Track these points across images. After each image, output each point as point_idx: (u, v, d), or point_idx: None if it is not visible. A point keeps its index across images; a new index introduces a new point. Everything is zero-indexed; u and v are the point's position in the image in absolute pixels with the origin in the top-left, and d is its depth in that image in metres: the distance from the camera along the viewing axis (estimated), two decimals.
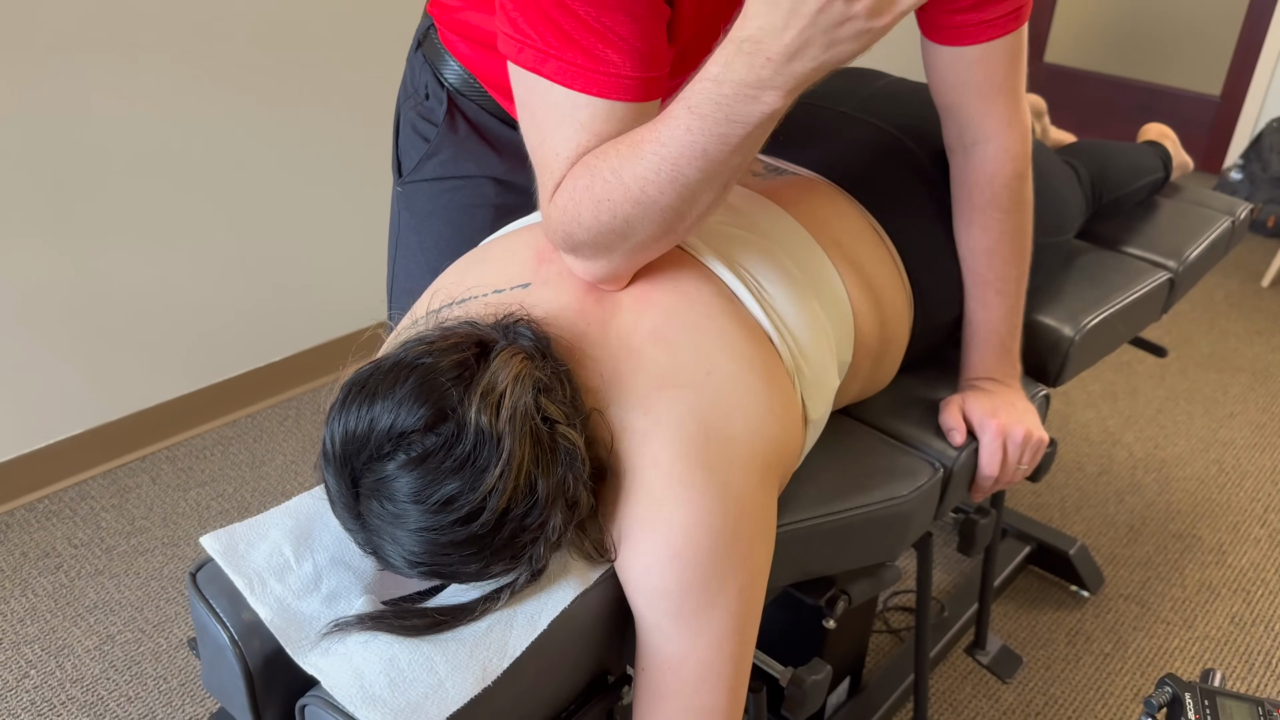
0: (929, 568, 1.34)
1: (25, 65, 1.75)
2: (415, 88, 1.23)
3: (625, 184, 0.79)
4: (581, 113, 0.81)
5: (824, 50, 0.69)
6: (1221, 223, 1.64)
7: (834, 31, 0.67)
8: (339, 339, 2.45)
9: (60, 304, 1.94)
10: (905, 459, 1.09)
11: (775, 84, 0.71)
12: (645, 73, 0.81)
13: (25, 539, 1.92)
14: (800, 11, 0.67)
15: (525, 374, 0.75)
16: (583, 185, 0.81)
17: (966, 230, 1.13)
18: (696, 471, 0.81)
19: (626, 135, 0.80)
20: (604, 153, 0.81)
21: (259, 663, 0.78)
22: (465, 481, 0.71)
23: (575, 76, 0.80)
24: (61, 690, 1.62)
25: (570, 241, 0.85)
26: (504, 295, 0.89)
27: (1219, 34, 3.80)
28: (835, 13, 0.66)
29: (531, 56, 0.81)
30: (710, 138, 0.75)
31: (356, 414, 0.73)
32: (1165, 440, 2.33)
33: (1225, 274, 3.16)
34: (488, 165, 1.20)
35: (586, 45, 0.79)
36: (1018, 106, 1.06)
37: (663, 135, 0.76)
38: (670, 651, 0.82)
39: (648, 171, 0.78)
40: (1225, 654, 1.76)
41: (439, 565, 0.74)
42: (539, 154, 0.85)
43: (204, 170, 2.05)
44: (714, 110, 0.73)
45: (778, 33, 0.68)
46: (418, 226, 1.23)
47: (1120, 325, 1.41)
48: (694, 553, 0.79)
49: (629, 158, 0.78)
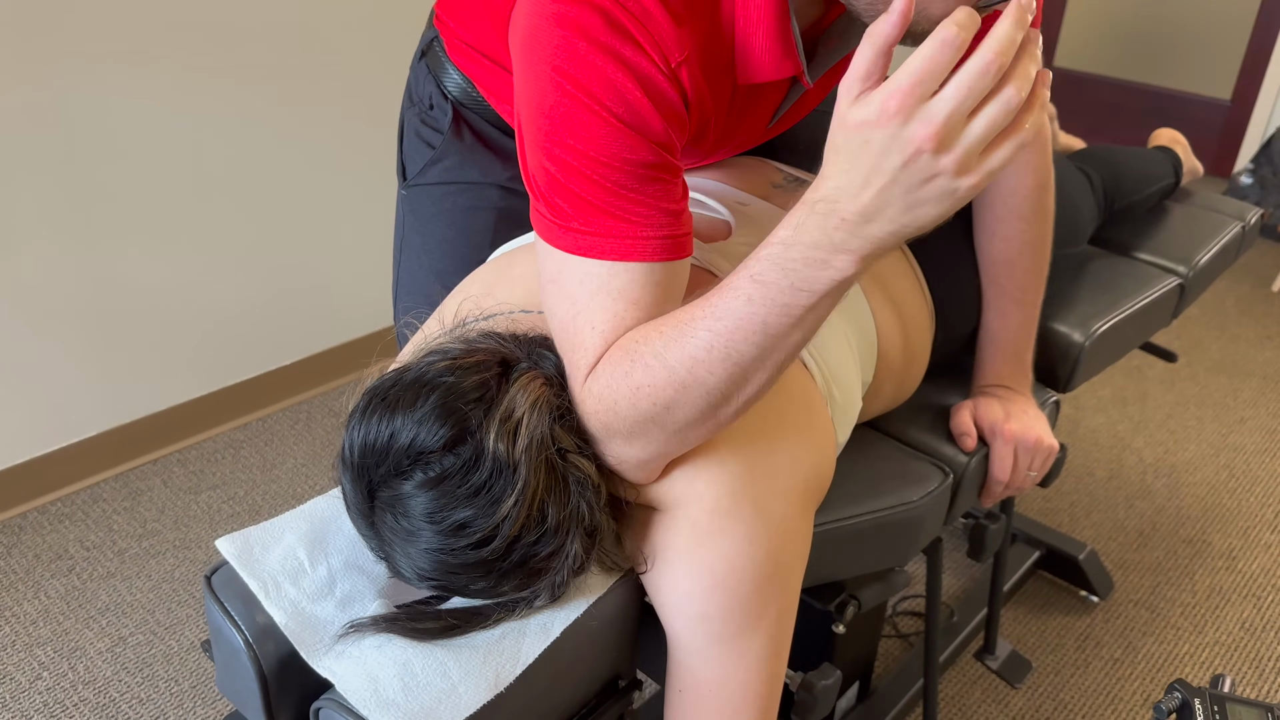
0: (939, 573, 1.34)
1: (44, 70, 1.76)
2: (419, 96, 1.23)
3: (670, 367, 0.73)
4: (619, 280, 0.76)
5: (904, 212, 0.64)
6: (1232, 228, 1.64)
7: (917, 191, 0.63)
8: (350, 342, 2.45)
9: (73, 307, 1.95)
10: (916, 464, 1.09)
11: (849, 248, 0.66)
12: (676, 231, 0.78)
13: (38, 541, 1.93)
14: (882, 168, 0.63)
15: (543, 400, 0.75)
16: (621, 372, 0.75)
17: (988, 241, 1.13)
18: (744, 505, 0.80)
19: (672, 315, 0.75)
20: (646, 335, 0.75)
21: (273, 666, 0.78)
22: (479, 509, 0.72)
23: (610, 248, 0.76)
24: (74, 692, 1.63)
25: (607, 431, 0.78)
26: (531, 317, 0.88)
27: (1229, 38, 3.79)
28: (920, 168, 0.62)
29: (566, 238, 0.77)
30: (772, 308, 0.69)
31: (377, 425, 0.74)
32: (1175, 445, 2.33)
33: (1236, 279, 3.15)
34: (492, 173, 1.21)
35: (618, 214, 0.75)
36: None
37: (718, 308, 0.71)
38: (710, 674, 0.82)
39: (698, 350, 0.72)
40: (1236, 659, 1.76)
41: (448, 582, 0.76)
42: (571, 328, 0.78)
43: (217, 175, 2.06)
44: (779, 277, 0.68)
45: (855, 192, 0.64)
46: (421, 229, 1.24)
47: (1130, 331, 1.41)
48: (737, 581, 0.79)
49: (675, 338, 0.73)
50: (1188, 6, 3.84)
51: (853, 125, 0.63)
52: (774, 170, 1.16)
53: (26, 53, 1.74)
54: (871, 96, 0.62)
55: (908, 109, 0.60)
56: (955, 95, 0.60)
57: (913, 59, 0.60)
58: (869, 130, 0.62)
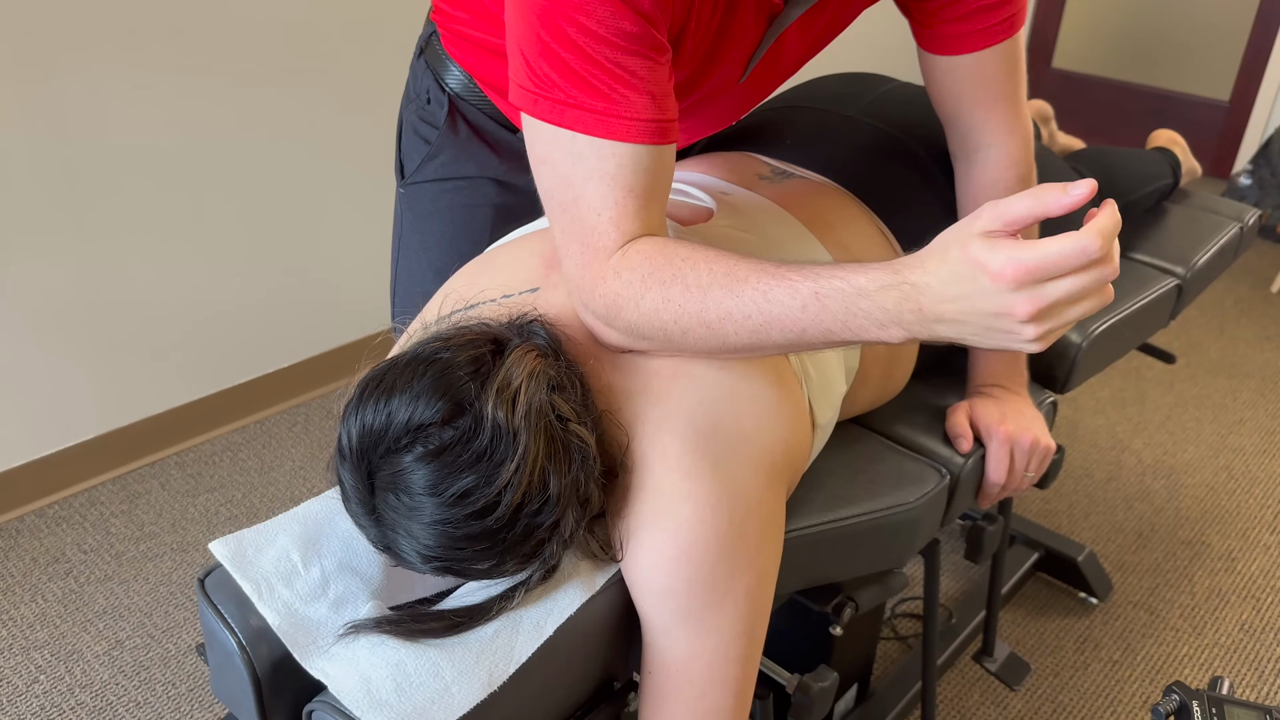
0: (936, 574, 1.34)
1: (40, 75, 1.76)
2: (417, 93, 1.24)
3: (705, 305, 0.78)
4: (609, 164, 0.79)
5: (971, 334, 0.71)
6: (1230, 229, 1.64)
7: (992, 330, 0.69)
8: (347, 345, 2.45)
9: (70, 310, 1.95)
10: (912, 466, 1.09)
11: (909, 329, 0.73)
12: (662, 115, 0.80)
13: (35, 544, 1.93)
14: (975, 305, 0.68)
15: (539, 371, 0.75)
16: (661, 277, 0.79)
17: None
18: (704, 466, 0.81)
19: (724, 256, 0.79)
20: (693, 259, 0.79)
21: (267, 668, 0.78)
22: (481, 475, 0.72)
23: (597, 123, 0.78)
24: (71, 695, 1.63)
25: (617, 312, 0.82)
26: (513, 300, 0.89)
27: (1228, 39, 3.79)
28: (1006, 324, 0.68)
29: (549, 107, 0.79)
30: (817, 326, 0.75)
31: (374, 409, 0.74)
32: (1174, 446, 2.33)
33: (1234, 279, 3.15)
34: (488, 166, 1.21)
35: (605, 90, 0.78)
36: (1018, 113, 1.07)
37: (772, 292, 0.76)
38: (677, 653, 0.82)
39: (736, 311, 0.77)
40: (1235, 661, 1.75)
41: (453, 560, 0.75)
42: (573, 210, 0.82)
43: (214, 178, 2.06)
44: (839, 310, 0.74)
45: (943, 299, 0.70)
46: (419, 227, 1.24)
47: (1128, 332, 1.41)
48: (701, 551, 0.79)
49: (723, 285, 0.78)
50: (1186, 8, 3.84)
51: (971, 256, 0.67)
52: (760, 163, 1.16)
53: (25, 57, 1.74)
54: (1000, 247, 0.66)
55: (1022, 283, 0.66)
56: (1067, 291, 0.66)
57: (1050, 247, 0.65)
58: (981, 273, 0.67)
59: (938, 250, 0.70)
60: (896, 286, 0.72)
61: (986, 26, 0.98)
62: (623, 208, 0.81)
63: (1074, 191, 0.65)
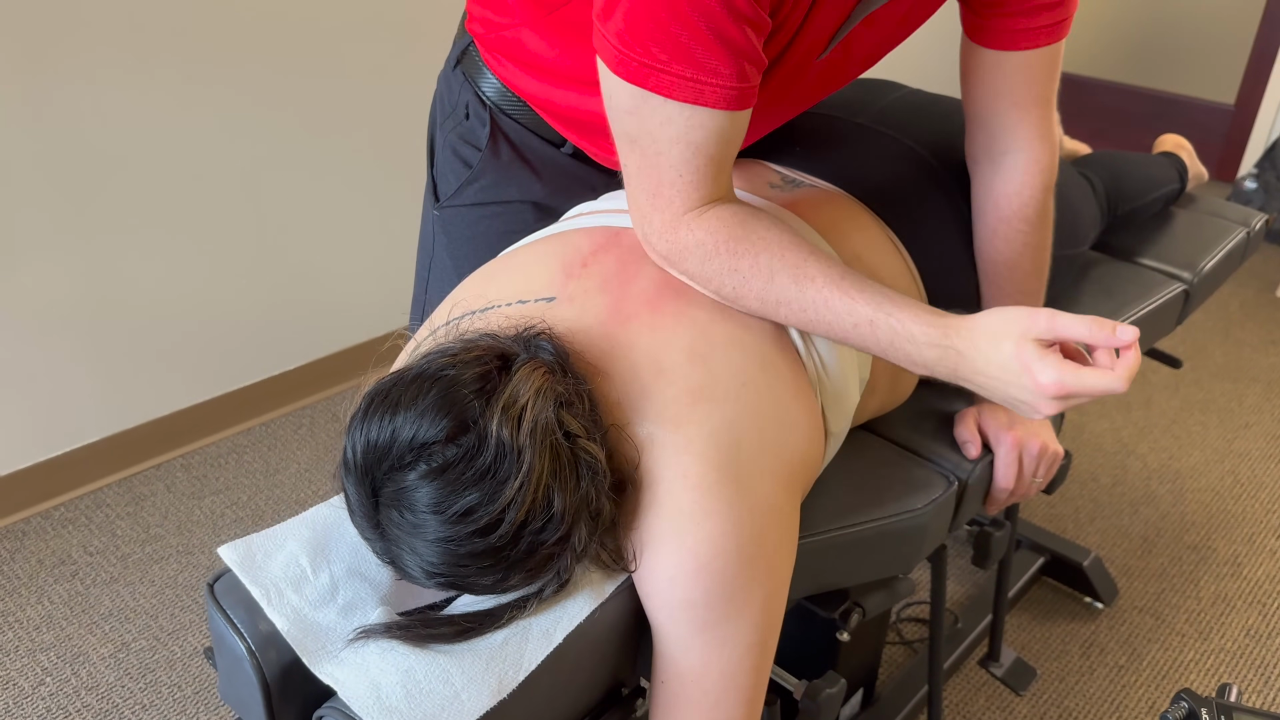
0: (943, 580, 1.34)
1: (43, 76, 1.77)
2: (454, 107, 1.21)
3: (768, 288, 0.86)
4: (696, 133, 0.83)
5: (990, 396, 0.83)
6: (1237, 233, 1.63)
7: (1012, 401, 0.81)
8: (353, 348, 2.46)
9: (76, 312, 1.96)
10: (920, 472, 1.09)
11: (935, 373, 0.84)
12: (745, 82, 0.82)
13: (41, 546, 1.93)
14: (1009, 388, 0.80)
15: (546, 388, 0.75)
16: (732, 248, 0.86)
17: (989, 241, 1.12)
18: (727, 485, 0.81)
19: (796, 247, 0.87)
20: (768, 241, 0.86)
21: (276, 674, 0.78)
22: (485, 493, 0.72)
23: (686, 89, 0.81)
24: (77, 698, 1.63)
25: (674, 258, 0.89)
26: (527, 307, 0.89)
27: (1233, 42, 3.78)
28: (1026, 409, 0.81)
29: (637, 69, 0.80)
30: (859, 343, 0.86)
31: (379, 424, 0.73)
32: (1180, 451, 2.32)
33: (1240, 284, 3.14)
34: (528, 189, 1.19)
35: (700, 57, 0.79)
36: (1050, 118, 1.06)
37: (833, 300, 0.84)
38: (691, 663, 0.81)
39: (794, 302, 0.86)
40: (1241, 667, 1.75)
41: (456, 576, 0.75)
42: (654, 161, 0.85)
43: (220, 180, 2.07)
44: (885, 343, 0.84)
45: (980, 373, 0.81)
46: (454, 251, 1.22)
47: None
48: (721, 564, 0.79)
49: (791, 276, 0.85)
50: (1192, 11, 3.84)
51: (1024, 358, 0.78)
52: (771, 171, 1.16)
53: (31, 59, 1.74)
54: (1051, 364, 0.77)
55: (1059, 398, 0.78)
56: (1089, 398, 0.78)
57: (1089, 379, 0.77)
58: (1027, 376, 0.78)
59: (989, 334, 0.80)
60: (942, 348, 0.82)
61: (1041, 25, 0.98)
62: (703, 174, 0.85)
63: (1122, 335, 0.76)
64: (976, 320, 0.81)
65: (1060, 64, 1.04)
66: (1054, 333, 0.78)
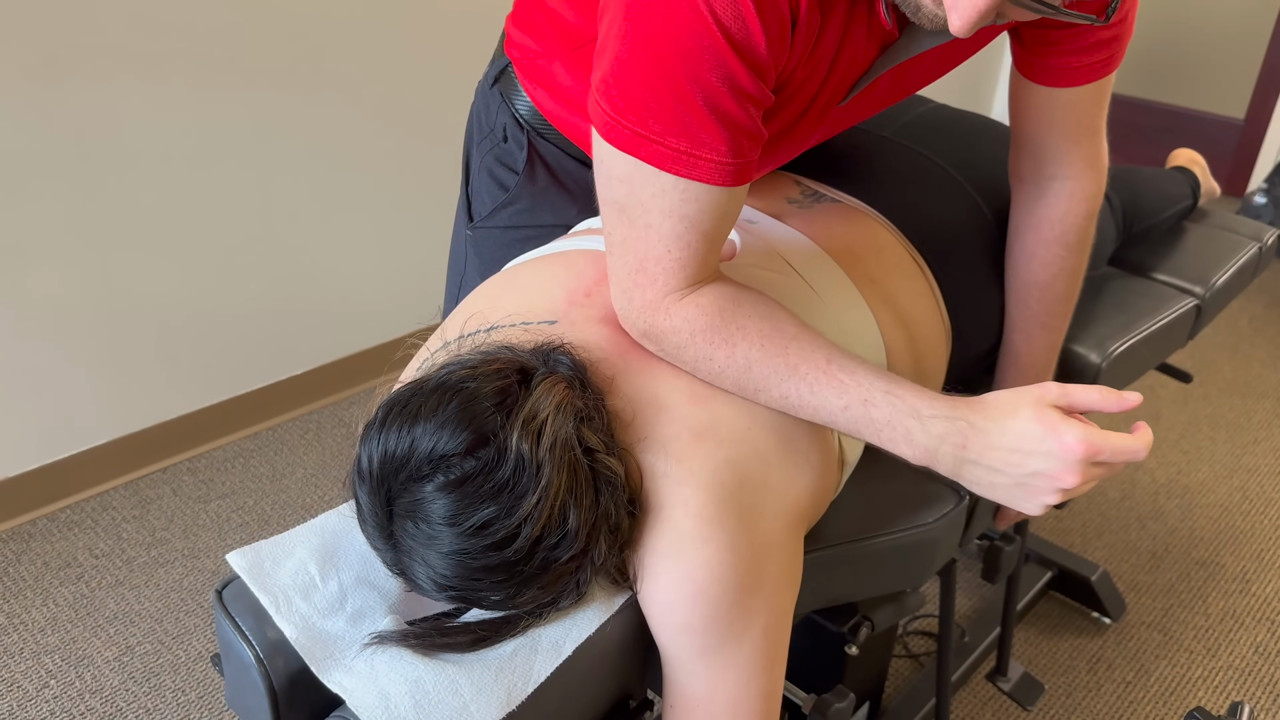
0: (952, 595, 1.33)
1: (54, 80, 1.77)
2: (491, 127, 1.20)
3: (747, 377, 0.82)
4: (691, 207, 0.80)
5: (994, 483, 0.79)
6: (1249, 248, 1.63)
7: (1024, 485, 0.77)
8: (360, 353, 2.45)
9: (84, 315, 1.96)
10: (931, 486, 1.09)
11: (932, 457, 0.79)
12: (742, 158, 0.80)
13: (47, 549, 1.93)
14: (1029, 458, 0.76)
15: (567, 403, 0.75)
16: (709, 337, 0.83)
17: (1025, 263, 1.11)
18: (728, 516, 0.80)
19: (779, 332, 0.83)
20: (748, 331, 0.82)
21: (283, 682, 0.78)
22: (501, 507, 0.71)
23: (678, 162, 0.78)
24: (81, 701, 1.63)
25: (650, 337, 0.85)
26: (530, 329, 0.88)
27: (1244, 57, 3.78)
28: (1043, 483, 0.76)
29: (628, 138, 0.78)
30: (850, 425, 0.81)
31: (397, 435, 0.73)
32: (1188, 466, 2.31)
33: (1249, 299, 3.13)
34: (563, 214, 1.18)
35: (693, 131, 0.76)
36: (1100, 147, 1.05)
37: (818, 387, 0.81)
38: (697, 688, 0.81)
39: (774, 390, 0.82)
40: (1249, 684, 1.74)
41: (467, 590, 0.74)
42: (642, 234, 0.82)
43: (228, 185, 2.07)
44: (883, 418, 0.79)
45: (994, 447, 0.77)
46: (485, 272, 1.21)
47: (1147, 352, 1.40)
48: (718, 591, 0.79)
49: (771, 366, 0.82)
50: (1203, 26, 3.84)
51: (1047, 421, 0.75)
52: (791, 184, 1.14)
53: (41, 65, 1.75)
54: (1075, 424, 0.75)
55: (1085, 459, 0.74)
56: (1102, 475, 0.77)
57: (1116, 441, 0.75)
58: (1053, 439, 0.75)
59: (1006, 405, 0.77)
60: (951, 420, 0.78)
61: (1094, 61, 0.96)
62: (693, 250, 0.82)
63: (1127, 400, 0.76)
64: (985, 395, 0.80)
65: (1110, 93, 1.02)
66: (1067, 400, 0.76)
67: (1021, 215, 1.11)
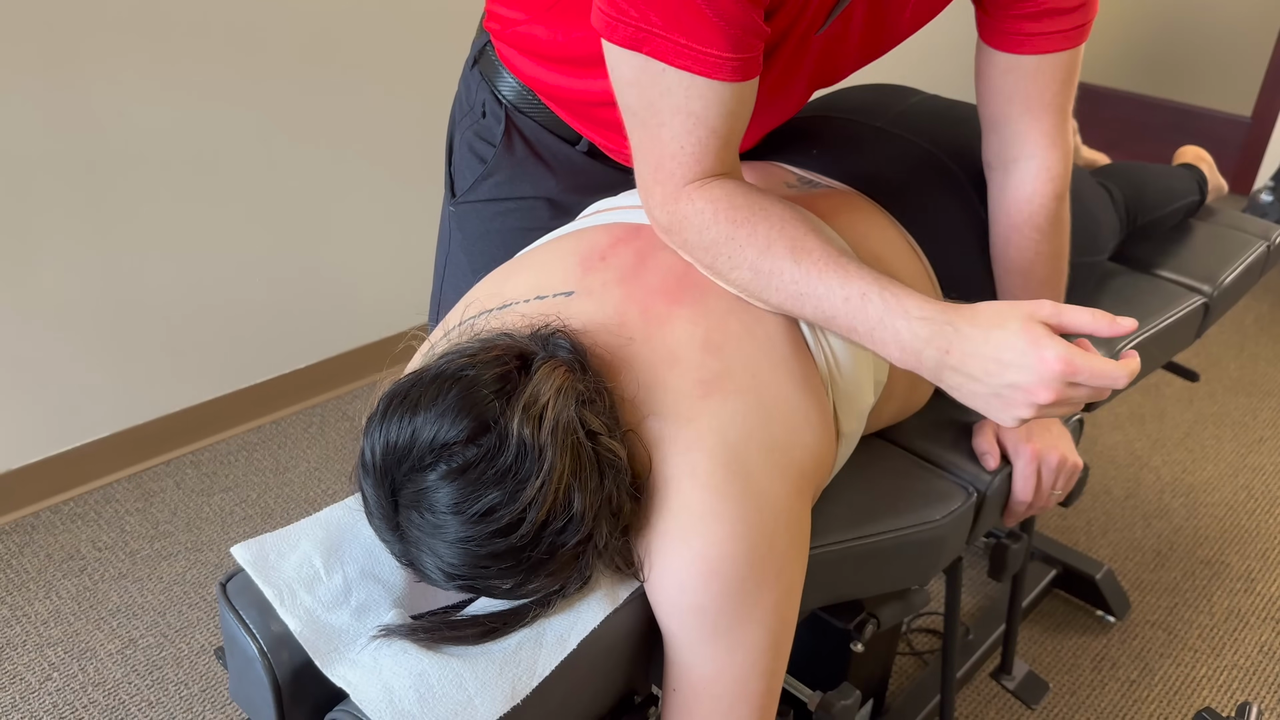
0: (958, 592, 1.33)
1: (61, 74, 1.77)
2: (471, 105, 1.21)
3: (764, 257, 0.84)
4: (696, 103, 0.82)
5: (973, 391, 0.80)
6: (1257, 247, 1.62)
7: (1000, 396, 0.78)
8: (364, 347, 2.45)
9: (88, 308, 1.95)
10: (938, 483, 1.08)
11: (919, 361, 0.80)
12: (744, 53, 0.82)
13: (50, 541, 1.93)
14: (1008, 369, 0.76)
15: (567, 386, 0.75)
16: (731, 217, 0.85)
17: (1003, 249, 1.12)
18: (735, 482, 0.80)
19: (796, 222, 0.85)
20: (768, 213, 0.85)
21: (287, 675, 0.77)
22: (505, 493, 0.71)
23: (680, 55, 0.80)
24: (84, 693, 1.63)
25: (673, 228, 0.88)
26: (545, 303, 0.88)
27: (1250, 54, 3.77)
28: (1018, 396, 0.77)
29: (632, 34, 0.80)
30: (847, 321, 0.83)
31: (398, 425, 0.73)
32: (1193, 464, 2.31)
33: (1255, 297, 3.12)
34: (543, 186, 1.19)
35: (691, 26, 0.79)
36: (1063, 126, 1.05)
37: (827, 273, 0.82)
38: (703, 670, 0.81)
39: (787, 273, 0.84)
40: (1254, 684, 1.73)
41: (476, 578, 0.74)
42: (656, 134, 0.85)
43: (232, 178, 2.06)
44: (875, 316, 0.81)
45: (975, 355, 0.78)
46: (469, 248, 1.22)
47: (1155, 350, 1.40)
48: (730, 568, 0.78)
49: (788, 247, 0.84)
50: (1209, 23, 3.83)
51: (1033, 335, 0.75)
52: (786, 173, 1.15)
53: (49, 57, 1.74)
54: (1059, 341, 0.75)
55: (1061, 377, 0.74)
56: (1078, 396, 0.76)
57: (1097, 363, 0.75)
58: (1034, 352, 0.75)
59: (994, 314, 0.77)
60: (939, 323, 0.78)
61: (1056, 30, 0.97)
62: (704, 146, 0.85)
63: (1121, 324, 0.75)
64: (979, 304, 0.80)
65: (1077, 72, 1.02)
66: (1058, 318, 0.76)
67: (995, 202, 1.11)
